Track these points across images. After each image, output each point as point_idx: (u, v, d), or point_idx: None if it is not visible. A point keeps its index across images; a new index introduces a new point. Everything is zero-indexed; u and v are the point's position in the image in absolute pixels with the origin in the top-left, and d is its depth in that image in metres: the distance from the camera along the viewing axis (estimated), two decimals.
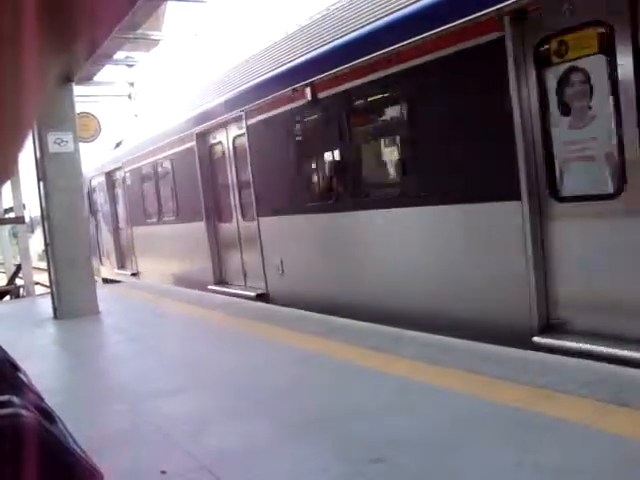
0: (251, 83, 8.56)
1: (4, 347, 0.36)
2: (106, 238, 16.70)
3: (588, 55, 4.48)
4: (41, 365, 5.74)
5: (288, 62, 7.73)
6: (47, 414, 0.33)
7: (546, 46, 4.74)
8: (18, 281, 15.99)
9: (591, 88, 4.50)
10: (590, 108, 4.52)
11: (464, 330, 5.15)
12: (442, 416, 3.62)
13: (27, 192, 15.36)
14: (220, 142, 9.87)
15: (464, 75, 5.36)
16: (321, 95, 7.04)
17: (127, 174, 14.28)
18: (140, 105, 19.07)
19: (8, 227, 19.11)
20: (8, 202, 17.40)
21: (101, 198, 16.72)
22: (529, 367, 4.18)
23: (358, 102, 6.82)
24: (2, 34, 0.24)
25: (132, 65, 15.89)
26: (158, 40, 13.50)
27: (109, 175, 15.79)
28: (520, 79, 4.85)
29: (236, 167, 9.39)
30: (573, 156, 4.66)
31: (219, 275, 10.41)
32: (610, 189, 4.45)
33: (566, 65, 4.62)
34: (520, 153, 4.85)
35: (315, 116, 7.45)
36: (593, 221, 4.59)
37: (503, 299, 5.16)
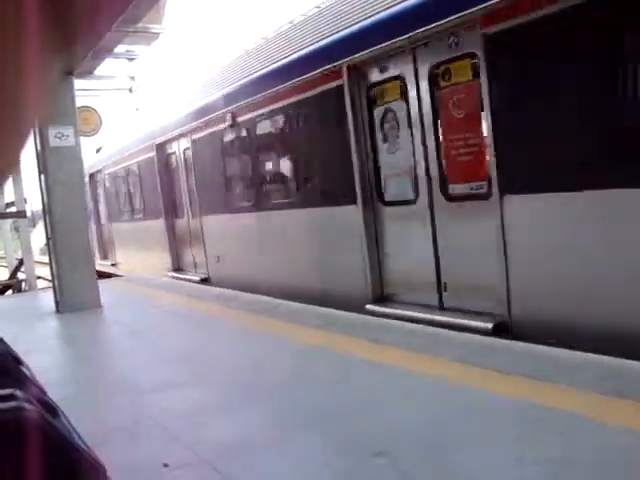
0: (193, 107, 10.74)
1: (7, 341, 0.36)
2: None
3: (395, 100, 6.38)
4: (44, 359, 5.75)
5: (216, 92, 9.92)
6: (50, 408, 0.33)
7: (371, 92, 6.66)
8: (20, 275, 16.01)
9: (397, 123, 6.38)
10: (398, 137, 6.39)
11: (327, 299, 7.11)
12: (442, 408, 3.63)
13: (28, 186, 15.38)
14: (174, 153, 11.85)
15: (322, 111, 7.32)
16: (238, 120, 9.13)
17: (106, 176, 16.35)
18: (141, 98, 19.05)
19: (10, 221, 19.12)
20: (9, 196, 17.40)
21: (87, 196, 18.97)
22: (528, 360, 4.18)
23: (259, 127, 8.76)
24: (3, 28, 0.24)
25: (133, 59, 15.87)
26: (159, 33, 13.47)
27: (92, 176, 17.19)
28: (355, 114, 6.73)
29: (186, 174, 11.42)
30: (390, 173, 6.59)
31: (176, 263, 12.56)
32: (411, 196, 6.28)
33: (384, 106, 6.54)
34: (355, 171, 6.75)
35: (235, 137, 9.43)
36: (404, 218, 6.44)
37: (349, 277, 7.09)
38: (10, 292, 15.53)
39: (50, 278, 9.66)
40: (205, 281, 10.77)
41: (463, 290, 5.74)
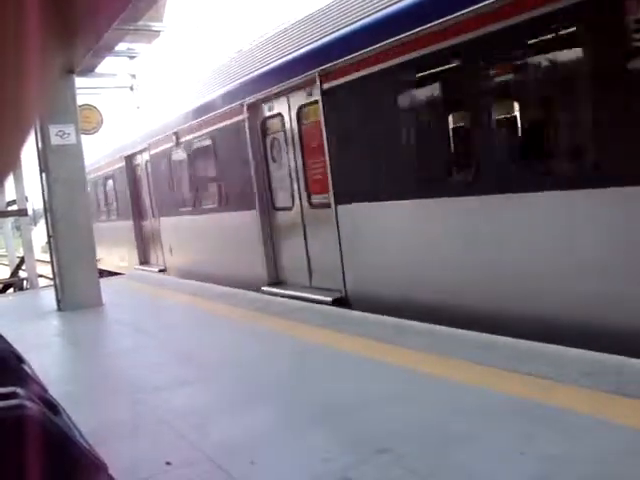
0: (152, 127, 13.17)
1: (8, 339, 0.36)
2: None
3: (278, 131, 8.53)
4: (45, 357, 5.76)
5: (168, 116, 12.27)
6: (52, 406, 0.33)
7: (264, 124, 8.80)
8: (22, 273, 16.03)
9: (280, 149, 8.52)
10: (281, 159, 8.50)
11: (238, 283, 9.09)
12: (446, 406, 3.63)
13: (30, 184, 15.39)
14: (139, 164, 14.13)
15: (232, 137, 9.40)
16: (180, 140, 11.42)
17: (90, 180, 17.69)
18: (142, 96, 19.04)
19: (11, 220, 19.13)
20: (11, 194, 17.41)
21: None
22: (530, 357, 4.18)
23: (192, 147, 10.98)
24: (4, 26, 0.24)
25: (134, 57, 15.86)
26: (159, 31, 13.46)
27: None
28: (253, 140, 8.88)
29: (147, 182, 13.63)
30: (277, 186, 8.74)
31: (142, 258, 14.84)
32: (289, 204, 8.42)
33: (272, 136, 8.69)
34: (254, 184, 8.87)
35: (179, 153, 11.62)
36: (286, 220, 8.55)
37: (252, 265, 9.14)
38: (11, 290, 15.55)
39: (51, 276, 9.68)
40: (162, 271, 13.29)
41: (322, 274, 7.78)
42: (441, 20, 5.47)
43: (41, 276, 15.82)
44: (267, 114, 8.72)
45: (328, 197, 7.32)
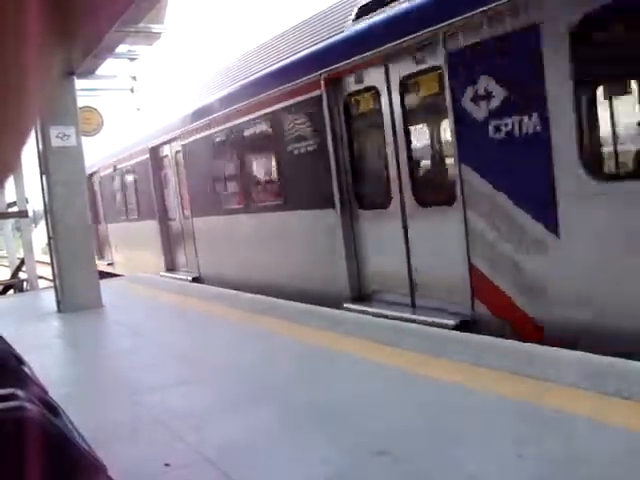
0: (117, 149, 15.29)
1: (8, 341, 0.36)
2: None
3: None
4: (45, 358, 5.76)
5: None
6: (51, 407, 0.33)
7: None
8: (22, 275, 16.02)
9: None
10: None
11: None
12: (444, 408, 3.63)
13: (30, 186, 15.39)
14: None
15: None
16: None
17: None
18: (143, 99, 19.04)
19: (11, 221, 19.12)
20: (11, 196, 17.41)
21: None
22: (529, 359, 4.18)
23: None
24: (4, 28, 0.24)
25: (134, 59, 15.85)
26: (160, 33, 13.45)
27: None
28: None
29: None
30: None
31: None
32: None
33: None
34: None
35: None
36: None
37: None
38: (12, 292, 15.54)
39: (51, 278, 9.67)
40: (110, 265, 16.50)
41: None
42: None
43: (41, 277, 15.82)
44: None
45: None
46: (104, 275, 12.68)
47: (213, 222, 10.49)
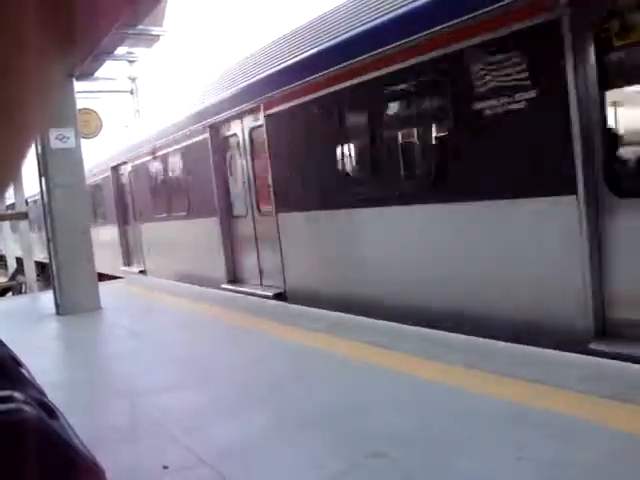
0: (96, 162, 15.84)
1: (6, 343, 0.36)
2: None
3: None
4: (43, 360, 5.75)
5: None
6: (49, 410, 0.33)
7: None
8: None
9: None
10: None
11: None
12: (441, 411, 3.63)
13: (29, 188, 15.38)
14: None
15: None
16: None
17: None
18: (142, 100, 19.06)
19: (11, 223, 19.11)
20: (10, 198, 17.40)
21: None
22: (526, 362, 4.18)
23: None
24: (3, 30, 0.24)
25: (133, 61, 15.89)
26: (159, 35, 13.48)
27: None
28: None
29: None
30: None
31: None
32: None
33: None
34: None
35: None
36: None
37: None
38: (10, 294, 15.53)
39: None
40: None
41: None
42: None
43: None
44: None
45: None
46: None
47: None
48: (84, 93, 14.07)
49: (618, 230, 4.46)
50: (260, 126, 8.58)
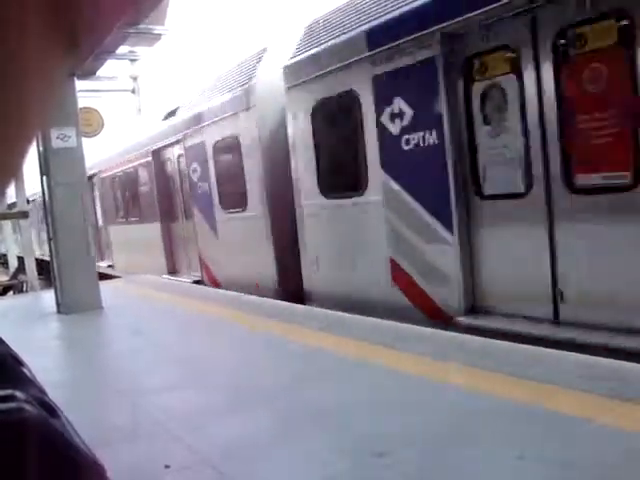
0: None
1: (7, 341, 0.36)
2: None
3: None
4: (44, 359, 5.75)
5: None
6: (50, 409, 0.33)
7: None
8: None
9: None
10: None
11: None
12: (444, 411, 3.63)
13: (30, 187, 15.41)
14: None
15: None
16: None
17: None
18: (144, 99, 19.07)
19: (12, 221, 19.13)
20: (11, 197, 17.43)
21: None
22: (529, 362, 4.18)
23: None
24: (5, 29, 0.24)
25: (135, 60, 15.88)
26: (161, 34, 13.47)
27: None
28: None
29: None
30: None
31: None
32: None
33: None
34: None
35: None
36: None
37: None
38: (11, 293, 15.55)
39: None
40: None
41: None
42: None
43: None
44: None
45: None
46: None
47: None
48: (85, 92, 14.07)
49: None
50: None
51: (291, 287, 8.53)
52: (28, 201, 16.09)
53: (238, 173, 9.35)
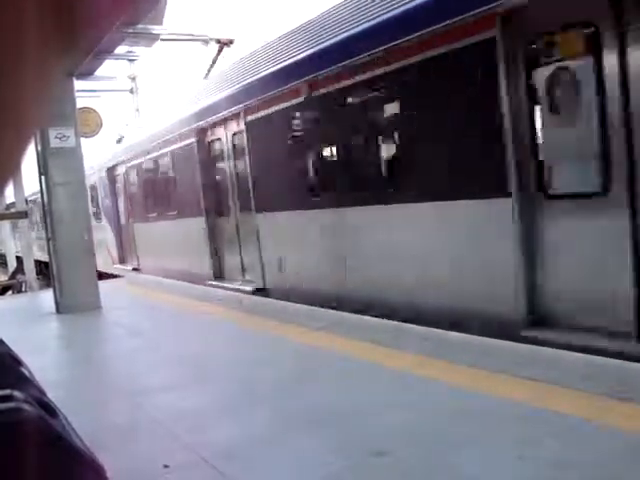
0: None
1: (6, 341, 0.36)
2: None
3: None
4: (43, 359, 5.75)
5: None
6: (49, 408, 0.33)
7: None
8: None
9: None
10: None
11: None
12: (444, 410, 3.63)
13: (29, 187, 15.39)
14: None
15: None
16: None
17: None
18: (142, 99, 19.06)
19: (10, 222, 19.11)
20: (10, 197, 17.42)
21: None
22: (529, 361, 4.18)
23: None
24: (3, 30, 0.24)
25: (134, 60, 15.86)
26: (159, 34, 13.47)
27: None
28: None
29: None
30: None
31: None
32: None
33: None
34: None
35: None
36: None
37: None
38: (10, 293, 15.54)
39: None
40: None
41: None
42: None
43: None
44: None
45: None
46: None
47: None
48: (84, 92, 14.06)
49: None
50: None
51: None
52: (27, 201, 16.07)
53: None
